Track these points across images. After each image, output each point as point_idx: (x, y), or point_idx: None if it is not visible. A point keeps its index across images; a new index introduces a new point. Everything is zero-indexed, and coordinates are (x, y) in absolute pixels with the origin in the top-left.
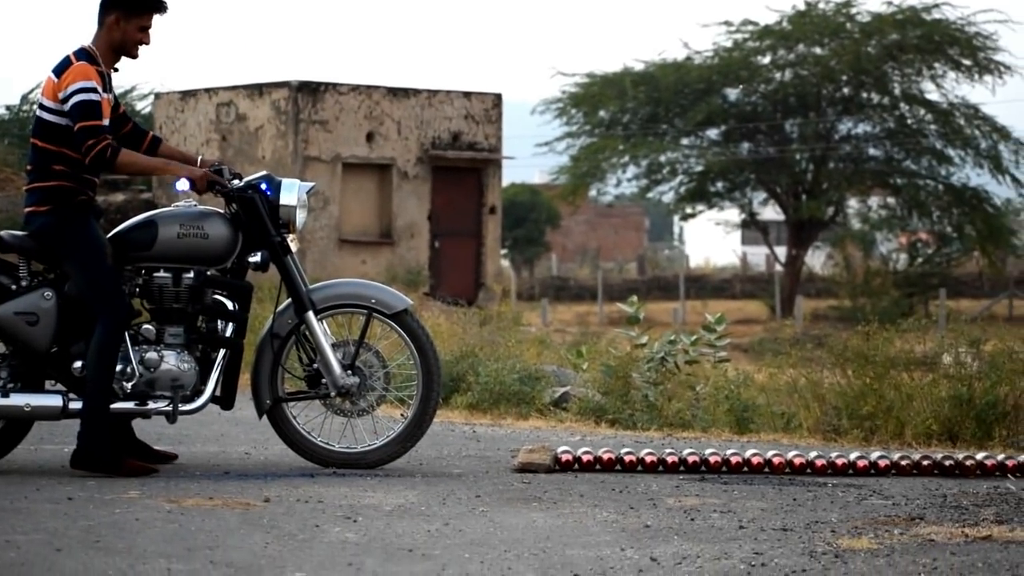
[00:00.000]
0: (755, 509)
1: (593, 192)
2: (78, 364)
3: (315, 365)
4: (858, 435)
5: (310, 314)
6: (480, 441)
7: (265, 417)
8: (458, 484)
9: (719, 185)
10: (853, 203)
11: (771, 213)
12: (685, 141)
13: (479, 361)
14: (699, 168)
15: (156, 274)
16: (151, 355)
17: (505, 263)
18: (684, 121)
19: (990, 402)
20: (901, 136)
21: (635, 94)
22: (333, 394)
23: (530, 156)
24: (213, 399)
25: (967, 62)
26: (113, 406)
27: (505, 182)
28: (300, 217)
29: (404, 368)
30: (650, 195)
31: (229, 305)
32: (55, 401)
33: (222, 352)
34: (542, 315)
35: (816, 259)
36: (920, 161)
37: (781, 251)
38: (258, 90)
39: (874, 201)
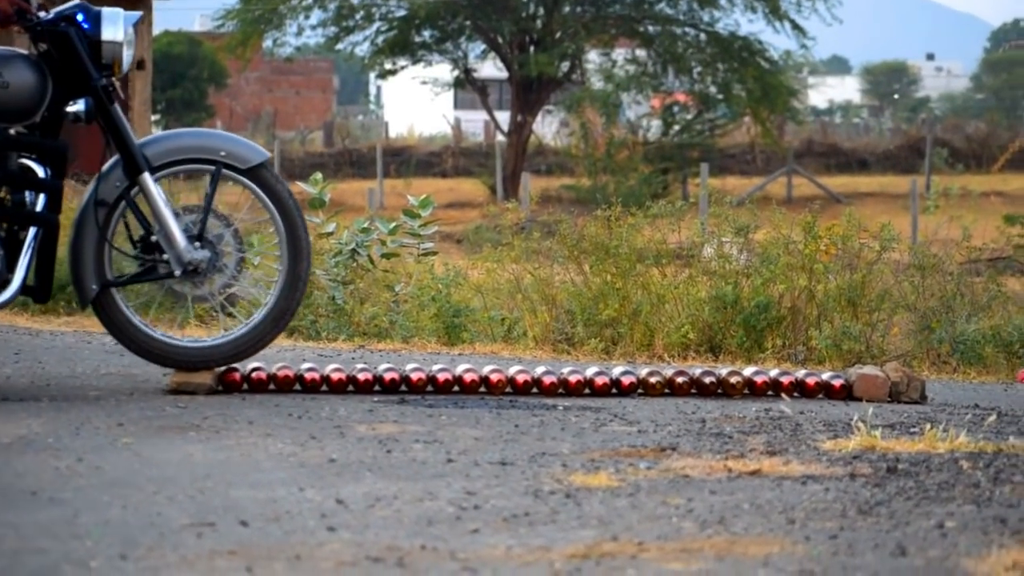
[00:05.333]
0: (467, 438)
1: (268, 43)
2: None
3: (153, 238)
4: (597, 346)
5: (146, 175)
6: (123, 355)
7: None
8: (95, 410)
9: (426, 34)
10: (593, 57)
11: (491, 70)
12: None
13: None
14: (401, 13)
15: None
16: None
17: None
18: None
19: (761, 304)
20: None
21: None
22: (178, 273)
23: None
24: (24, 290)
25: None
26: None
27: (157, 30)
28: (127, 56)
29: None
30: (340, 47)
31: (40, 172)
32: None
33: (33, 231)
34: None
35: (547, 127)
36: (677, 4)
37: (503, 117)
38: None
39: (620, 55)
